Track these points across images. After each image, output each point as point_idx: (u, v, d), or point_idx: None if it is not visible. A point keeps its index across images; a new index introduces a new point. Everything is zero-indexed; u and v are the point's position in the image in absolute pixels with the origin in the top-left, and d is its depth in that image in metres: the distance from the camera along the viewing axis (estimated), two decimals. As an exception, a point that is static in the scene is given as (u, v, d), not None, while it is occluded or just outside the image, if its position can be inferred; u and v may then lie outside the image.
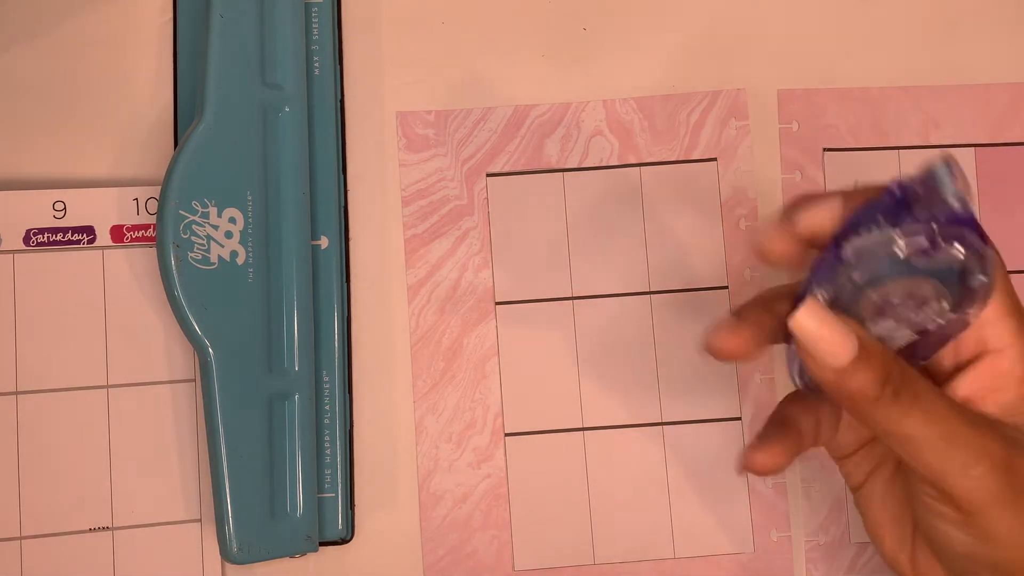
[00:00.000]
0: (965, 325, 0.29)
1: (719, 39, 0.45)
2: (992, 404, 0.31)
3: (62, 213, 0.41)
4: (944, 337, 0.30)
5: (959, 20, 0.45)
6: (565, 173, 0.44)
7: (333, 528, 0.42)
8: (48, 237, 0.41)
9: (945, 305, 0.29)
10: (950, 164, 0.28)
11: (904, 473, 0.33)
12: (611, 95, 0.44)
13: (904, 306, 0.29)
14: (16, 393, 0.41)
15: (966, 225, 0.27)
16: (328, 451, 0.42)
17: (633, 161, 0.44)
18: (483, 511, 0.42)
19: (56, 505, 0.40)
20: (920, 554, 0.33)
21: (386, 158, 0.44)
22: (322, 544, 0.42)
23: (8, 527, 0.40)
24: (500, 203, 0.44)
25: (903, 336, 0.30)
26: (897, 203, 0.28)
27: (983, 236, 0.28)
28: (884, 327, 0.29)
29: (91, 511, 0.41)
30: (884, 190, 0.29)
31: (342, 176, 0.43)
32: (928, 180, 0.28)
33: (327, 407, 0.42)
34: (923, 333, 0.30)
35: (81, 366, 0.41)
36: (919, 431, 0.28)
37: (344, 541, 0.42)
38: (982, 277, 0.28)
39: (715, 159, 0.44)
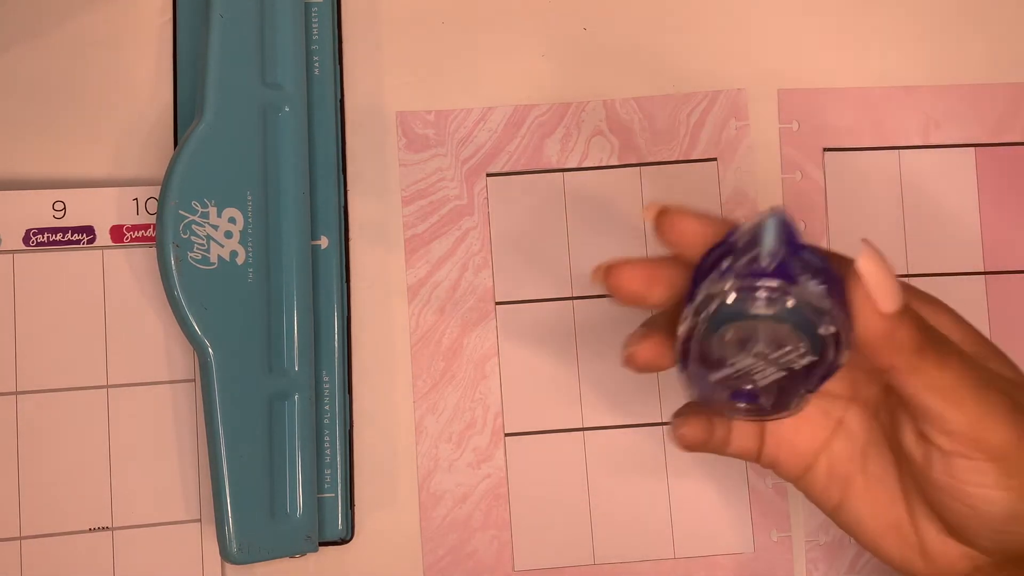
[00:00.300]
0: (837, 366, 0.29)
1: (719, 39, 0.45)
2: None
3: (62, 213, 0.41)
4: (822, 375, 0.30)
5: (959, 20, 0.45)
6: (565, 173, 0.44)
7: (333, 528, 0.41)
8: (48, 237, 0.41)
9: (803, 348, 0.29)
10: (777, 218, 0.28)
11: (878, 477, 0.33)
12: (611, 95, 0.44)
13: (762, 346, 0.29)
14: (16, 393, 0.41)
15: (782, 275, 0.28)
16: (328, 451, 0.42)
17: (633, 161, 0.44)
18: (483, 511, 0.42)
19: (56, 505, 0.40)
20: (931, 543, 0.32)
21: (386, 158, 0.44)
22: (322, 544, 0.42)
23: (8, 527, 0.40)
24: (500, 203, 0.44)
25: (772, 371, 0.30)
26: (733, 248, 0.29)
27: (829, 276, 0.28)
28: (748, 362, 0.30)
29: (91, 511, 0.41)
30: (726, 235, 0.29)
31: (342, 176, 0.43)
32: (754, 232, 0.28)
33: (327, 407, 0.42)
34: (792, 372, 0.30)
35: (81, 366, 0.41)
36: (960, 378, 0.29)
37: (344, 541, 0.42)
38: (829, 327, 0.28)
39: (715, 159, 0.44)
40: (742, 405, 0.31)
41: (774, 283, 0.28)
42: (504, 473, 0.43)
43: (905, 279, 0.42)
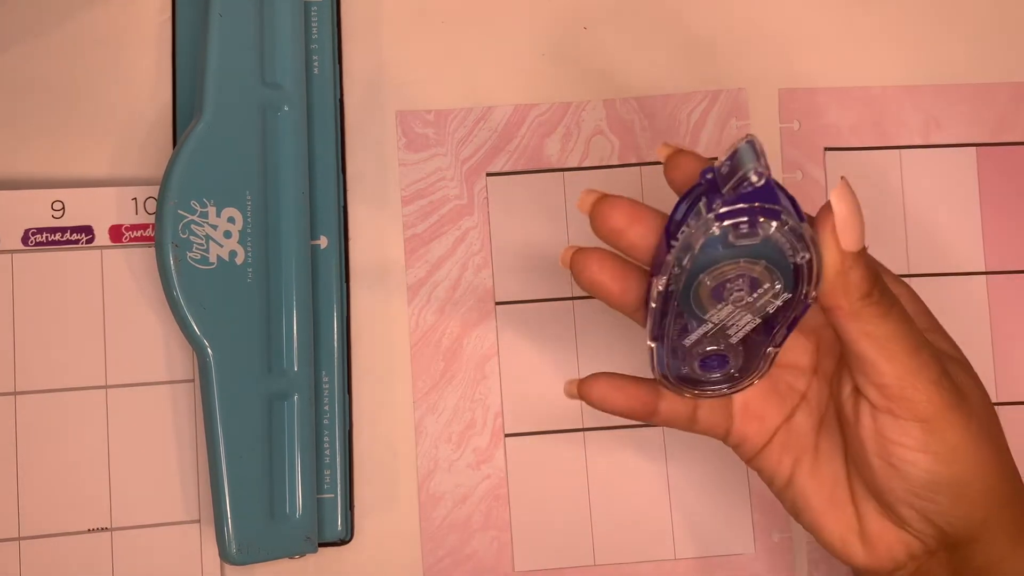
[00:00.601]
0: (806, 306, 0.30)
1: (719, 39, 0.45)
2: None
3: (60, 213, 0.41)
4: (791, 319, 0.30)
5: (960, 20, 0.45)
6: (565, 173, 0.44)
7: (332, 529, 0.41)
8: (47, 237, 0.41)
9: (778, 286, 0.29)
10: (752, 142, 0.28)
11: (826, 457, 0.34)
12: (611, 95, 0.44)
13: (739, 290, 0.30)
14: (15, 393, 0.40)
15: (764, 197, 0.28)
16: (327, 451, 0.41)
17: (634, 161, 0.44)
18: (483, 512, 0.42)
19: (55, 506, 0.40)
20: (870, 525, 0.33)
21: (386, 158, 0.44)
22: (321, 545, 0.41)
23: (7, 528, 0.40)
24: (500, 203, 0.44)
25: (746, 321, 0.30)
26: (711, 187, 0.29)
27: (799, 213, 0.29)
28: (725, 312, 0.30)
29: (90, 512, 0.40)
30: (700, 175, 0.30)
31: (342, 176, 0.43)
32: (732, 160, 0.28)
33: (326, 407, 0.42)
34: (767, 318, 0.30)
35: (80, 366, 0.41)
36: (898, 330, 0.30)
37: (343, 542, 0.42)
38: (804, 254, 0.29)
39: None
40: (714, 375, 0.32)
41: (766, 204, 0.28)
42: (504, 474, 0.42)
43: (906, 279, 0.42)
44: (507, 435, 0.43)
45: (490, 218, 0.43)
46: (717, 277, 0.29)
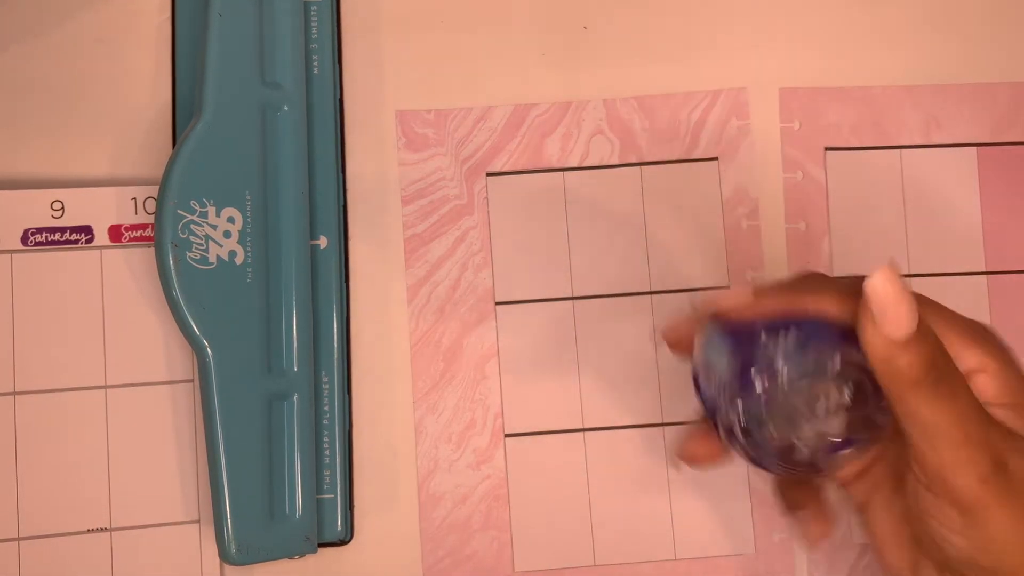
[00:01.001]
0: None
1: (719, 38, 0.45)
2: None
3: (60, 213, 0.41)
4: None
5: (960, 20, 0.45)
6: (565, 173, 0.44)
7: (332, 529, 0.41)
8: (46, 237, 0.41)
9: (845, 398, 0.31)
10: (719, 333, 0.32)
11: (902, 493, 0.33)
12: (611, 94, 0.44)
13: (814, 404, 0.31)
14: (14, 393, 0.40)
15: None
16: (327, 452, 0.41)
17: (634, 161, 0.44)
18: (483, 512, 0.42)
19: (54, 506, 0.40)
20: (924, 571, 0.33)
21: (386, 158, 0.44)
22: (321, 545, 0.41)
23: (6, 528, 0.40)
24: (500, 203, 0.44)
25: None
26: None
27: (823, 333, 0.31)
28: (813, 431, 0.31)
29: (89, 512, 0.40)
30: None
31: (341, 175, 0.43)
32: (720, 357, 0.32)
33: (326, 407, 0.42)
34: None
35: (79, 366, 0.41)
36: (944, 421, 0.29)
37: (343, 542, 0.42)
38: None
39: (716, 158, 0.44)
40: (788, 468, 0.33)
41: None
42: (504, 474, 0.42)
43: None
44: (507, 435, 0.43)
45: (490, 218, 0.43)
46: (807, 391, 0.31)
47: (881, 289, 0.28)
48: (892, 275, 0.28)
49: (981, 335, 0.32)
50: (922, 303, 0.30)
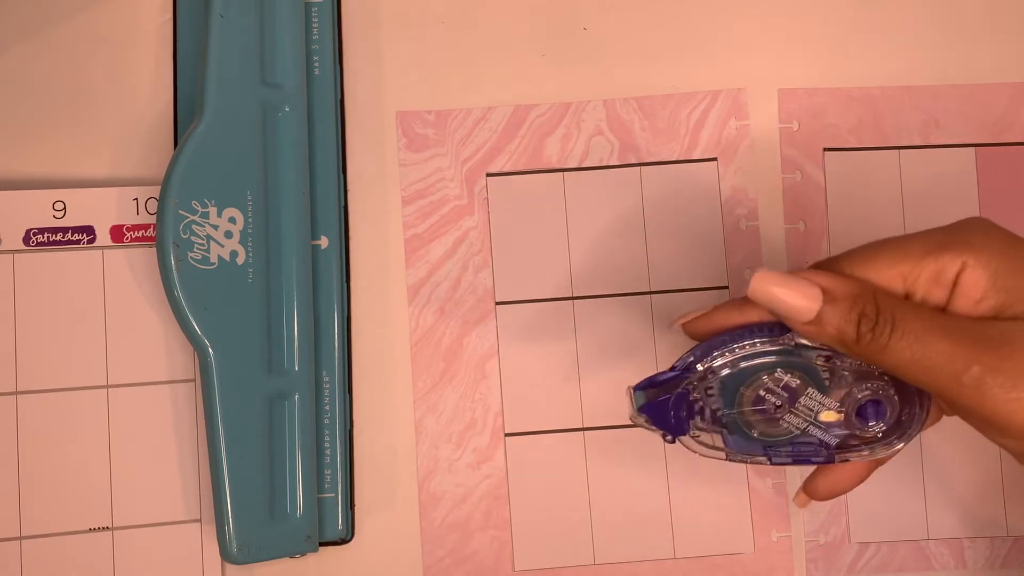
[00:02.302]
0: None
1: (719, 39, 0.45)
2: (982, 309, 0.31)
3: (62, 213, 0.41)
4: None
5: (959, 20, 0.45)
6: (565, 173, 0.44)
7: (333, 528, 0.41)
8: (48, 237, 0.41)
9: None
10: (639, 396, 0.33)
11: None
12: (611, 95, 0.44)
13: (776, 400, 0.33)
14: (16, 393, 0.41)
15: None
16: (328, 451, 0.42)
17: (633, 161, 0.44)
18: (483, 511, 0.42)
19: (56, 505, 0.40)
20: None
21: (386, 158, 0.44)
22: (322, 544, 0.41)
23: (8, 527, 0.40)
24: (500, 203, 0.44)
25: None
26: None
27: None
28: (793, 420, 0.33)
29: (91, 511, 0.41)
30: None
31: (342, 176, 0.43)
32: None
33: (327, 407, 0.42)
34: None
35: (81, 366, 0.41)
36: (903, 357, 0.29)
37: (344, 541, 0.42)
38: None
39: (715, 159, 0.44)
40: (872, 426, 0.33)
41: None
42: (504, 473, 0.42)
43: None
44: (507, 435, 0.43)
45: (490, 218, 0.44)
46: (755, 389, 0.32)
47: (762, 296, 0.29)
48: (763, 280, 0.29)
49: (951, 236, 0.31)
50: (854, 256, 0.31)
